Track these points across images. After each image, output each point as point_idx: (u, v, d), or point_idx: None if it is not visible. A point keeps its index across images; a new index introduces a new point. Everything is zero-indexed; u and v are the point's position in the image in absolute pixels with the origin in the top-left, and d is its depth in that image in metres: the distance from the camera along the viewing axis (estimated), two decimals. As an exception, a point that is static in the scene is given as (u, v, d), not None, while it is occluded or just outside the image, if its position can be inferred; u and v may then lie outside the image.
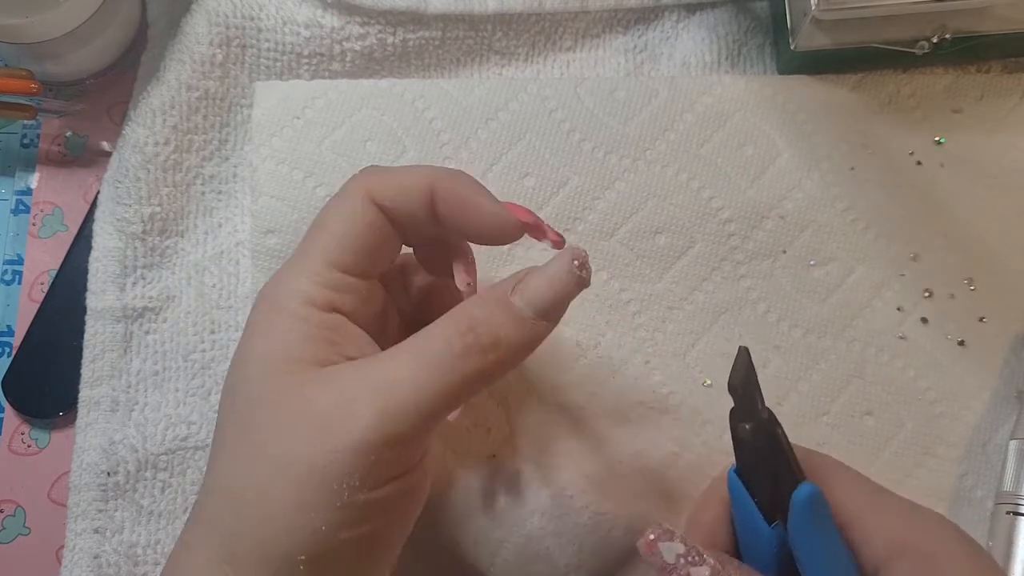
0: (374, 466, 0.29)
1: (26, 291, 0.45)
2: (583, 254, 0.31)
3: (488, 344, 0.30)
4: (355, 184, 0.33)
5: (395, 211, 0.33)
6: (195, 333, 0.42)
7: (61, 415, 0.43)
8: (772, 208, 0.44)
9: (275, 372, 0.30)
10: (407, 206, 0.32)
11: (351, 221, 0.32)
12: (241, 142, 0.44)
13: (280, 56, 0.44)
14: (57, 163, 0.46)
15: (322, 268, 0.32)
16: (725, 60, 0.46)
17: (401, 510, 0.31)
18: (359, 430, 0.29)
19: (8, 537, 0.42)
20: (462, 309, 0.31)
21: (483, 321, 0.30)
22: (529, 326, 0.30)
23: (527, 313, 0.30)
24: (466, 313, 0.30)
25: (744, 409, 0.30)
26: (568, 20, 0.46)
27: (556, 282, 0.30)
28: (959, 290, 0.43)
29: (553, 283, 0.30)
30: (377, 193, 0.32)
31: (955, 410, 0.42)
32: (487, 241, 0.34)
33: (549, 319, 0.31)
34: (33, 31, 0.41)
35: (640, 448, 0.41)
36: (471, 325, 0.30)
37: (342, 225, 0.32)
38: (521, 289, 0.31)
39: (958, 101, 0.45)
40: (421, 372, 0.29)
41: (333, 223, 0.32)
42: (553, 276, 0.30)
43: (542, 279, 0.30)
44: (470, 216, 0.32)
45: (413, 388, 0.29)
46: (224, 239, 0.43)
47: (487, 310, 0.30)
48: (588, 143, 0.44)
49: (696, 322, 0.43)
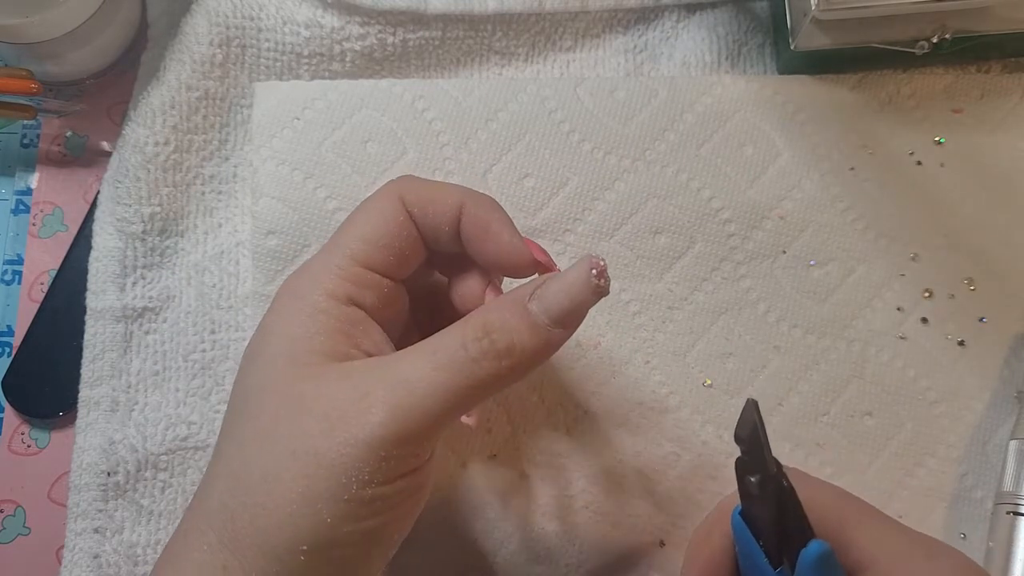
0: (383, 462, 0.29)
1: (26, 291, 0.45)
2: (601, 263, 0.31)
3: (502, 349, 0.30)
4: (389, 187, 0.34)
5: (422, 221, 0.33)
6: (195, 333, 0.42)
7: (61, 415, 0.43)
8: (772, 208, 0.44)
9: (291, 362, 0.31)
10: (435, 219, 0.33)
11: (379, 219, 0.33)
12: (241, 142, 0.44)
13: (280, 56, 0.44)
14: (57, 163, 0.46)
15: (346, 262, 0.32)
16: (725, 60, 0.46)
17: (405, 508, 0.31)
18: (371, 425, 0.29)
19: (8, 537, 0.42)
20: (479, 313, 0.31)
21: (498, 327, 0.30)
22: (544, 333, 0.30)
23: (542, 320, 0.30)
24: (482, 318, 0.31)
25: (752, 461, 0.29)
26: (568, 20, 0.46)
27: (573, 290, 0.30)
28: (959, 290, 0.43)
29: (570, 291, 0.30)
30: (409, 199, 0.33)
31: (955, 410, 0.42)
32: (499, 270, 0.34)
33: (565, 327, 0.31)
34: (33, 31, 0.41)
35: (640, 448, 0.41)
36: (487, 330, 0.30)
37: (370, 222, 0.33)
38: (538, 296, 0.31)
39: (958, 101, 0.45)
40: (435, 372, 0.30)
41: (362, 220, 0.33)
42: (570, 284, 0.30)
43: (559, 286, 0.31)
44: (489, 243, 0.33)
45: (426, 388, 0.29)
46: (224, 239, 0.43)
47: (503, 315, 0.31)
48: (588, 143, 0.44)
49: (696, 322, 0.43)
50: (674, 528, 0.41)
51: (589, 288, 0.30)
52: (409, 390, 0.29)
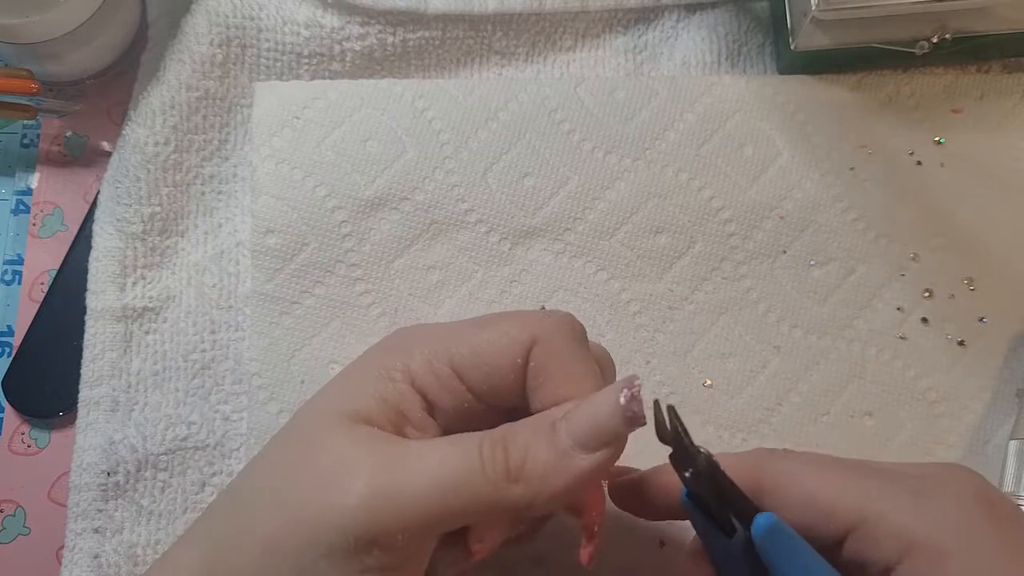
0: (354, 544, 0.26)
1: (26, 291, 0.45)
2: (636, 385, 0.27)
3: (513, 466, 0.27)
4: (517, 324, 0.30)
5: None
6: (195, 333, 0.42)
7: (61, 415, 0.43)
8: (772, 208, 0.44)
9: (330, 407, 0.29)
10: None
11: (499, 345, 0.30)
12: (241, 142, 0.44)
13: (280, 56, 0.44)
14: (57, 163, 0.46)
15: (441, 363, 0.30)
16: (725, 60, 0.46)
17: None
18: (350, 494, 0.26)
19: (8, 537, 0.42)
20: (505, 424, 0.28)
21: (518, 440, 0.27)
22: (566, 457, 0.27)
23: (565, 442, 0.27)
24: (505, 427, 0.28)
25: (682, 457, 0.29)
26: (568, 20, 0.46)
27: (600, 412, 0.27)
28: (959, 290, 0.43)
29: (597, 412, 0.27)
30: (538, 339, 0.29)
31: (955, 410, 0.42)
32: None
33: (592, 451, 0.27)
34: (33, 31, 0.41)
35: (640, 448, 0.41)
36: (506, 440, 0.27)
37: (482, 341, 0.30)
38: (569, 415, 0.28)
39: (958, 101, 0.45)
40: (439, 465, 0.27)
41: (481, 331, 0.30)
42: (598, 404, 0.27)
43: (587, 405, 0.28)
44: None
45: (423, 477, 0.27)
46: (224, 239, 0.43)
47: (527, 429, 0.28)
48: (588, 143, 0.44)
49: (696, 322, 0.43)
50: (674, 528, 0.41)
51: (617, 414, 0.27)
52: (405, 471, 0.27)
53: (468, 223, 0.43)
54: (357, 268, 0.42)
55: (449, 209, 0.43)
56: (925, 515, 0.29)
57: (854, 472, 0.31)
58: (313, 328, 0.42)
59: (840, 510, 0.29)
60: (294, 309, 0.42)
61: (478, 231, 0.43)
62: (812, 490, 0.30)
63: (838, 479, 0.30)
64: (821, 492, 0.30)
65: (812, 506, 0.30)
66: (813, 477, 0.30)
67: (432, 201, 0.43)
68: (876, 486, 0.30)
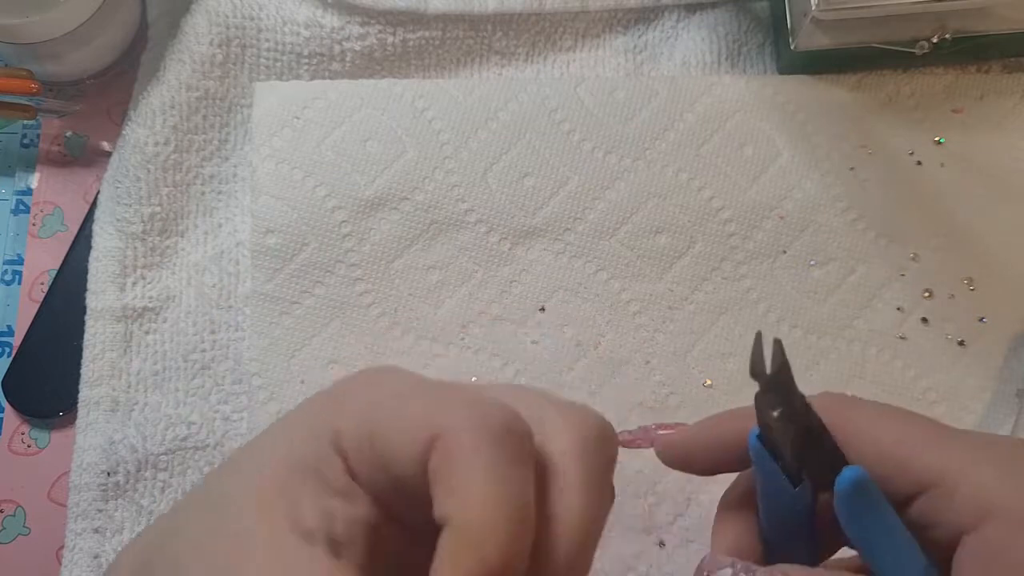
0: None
1: (26, 291, 0.45)
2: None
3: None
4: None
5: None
6: (195, 333, 0.42)
7: (61, 415, 0.43)
8: (772, 208, 0.44)
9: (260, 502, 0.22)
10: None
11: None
12: (241, 142, 0.44)
13: (280, 56, 0.44)
14: (57, 163, 0.46)
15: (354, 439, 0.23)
16: (725, 60, 0.46)
17: None
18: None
19: (8, 537, 0.42)
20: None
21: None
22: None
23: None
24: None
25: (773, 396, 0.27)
26: (568, 20, 0.46)
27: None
28: (959, 290, 0.43)
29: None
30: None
31: (955, 410, 0.42)
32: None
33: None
34: (33, 31, 0.41)
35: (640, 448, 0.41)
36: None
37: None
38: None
39: (958, 101, 0.45)
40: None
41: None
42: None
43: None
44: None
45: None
46: (224, 239, 0.43)
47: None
48: (588, 143, 0.44)
49: (696, 322, 0.43)
50: (674, 528, 0.41)
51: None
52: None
53: (468, 223, 0.43)
54: (357, 268, 0.42)
55: (449, 209, 0.43)
56: (1010, 482, 0.27)
57: (937, 429, 0.29)
58: (313, 328, 0.42)
59: (917, 466, 0.28)
60: (294, 309, 0.42)
61: (478, 231, 0.43)
62: (889, 442, 0.28)
63: (919, 433, 0.28)
64: (900, 445, 0.28)
65: (887, 458, 0.28)
66: (892, 428, 0.28)
67: (432, 201, 0.43)
68: (960, 446, 0.28)
